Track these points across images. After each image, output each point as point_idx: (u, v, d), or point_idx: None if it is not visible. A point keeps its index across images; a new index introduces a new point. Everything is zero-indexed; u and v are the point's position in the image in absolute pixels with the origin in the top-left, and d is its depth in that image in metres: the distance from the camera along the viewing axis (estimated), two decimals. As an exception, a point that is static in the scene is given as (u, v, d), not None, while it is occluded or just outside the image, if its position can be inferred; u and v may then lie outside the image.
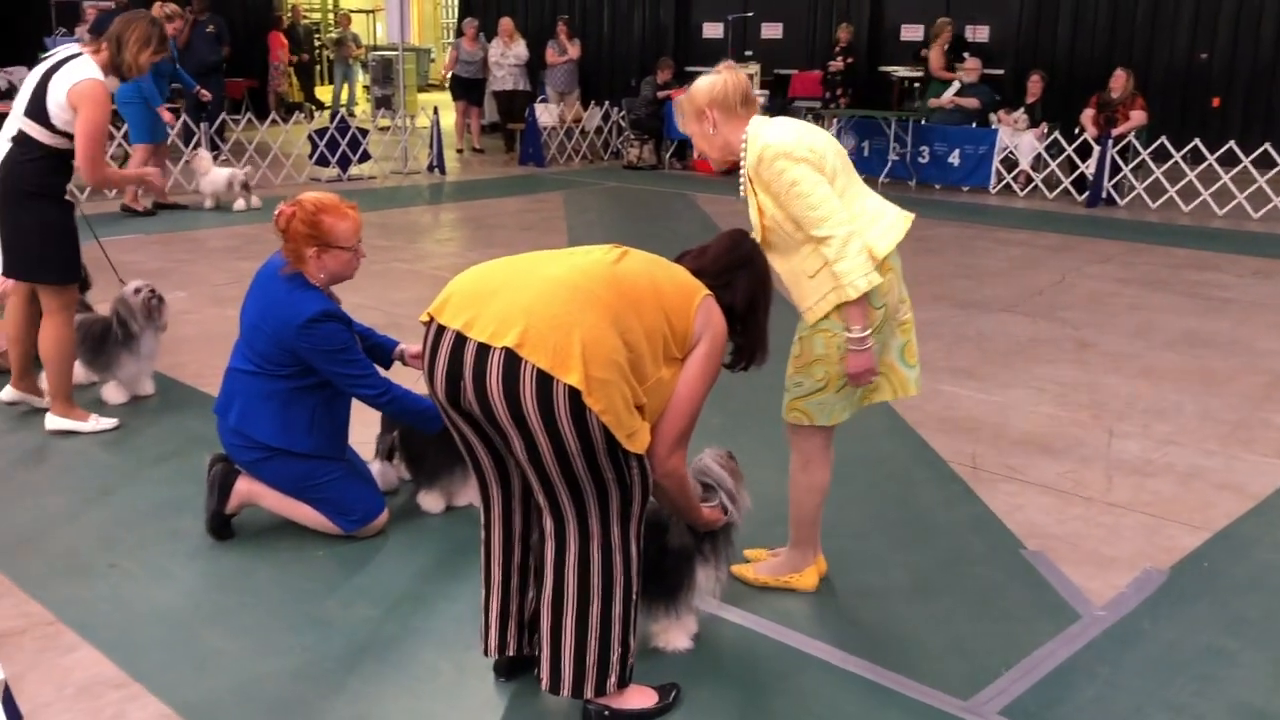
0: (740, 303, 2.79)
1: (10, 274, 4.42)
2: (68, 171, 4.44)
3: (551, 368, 2.35)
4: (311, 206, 3.47)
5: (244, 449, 3.58)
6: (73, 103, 4.22)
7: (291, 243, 3.50)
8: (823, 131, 3.19)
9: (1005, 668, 3.02)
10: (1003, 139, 12.13)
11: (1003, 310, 7.05)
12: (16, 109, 4.33)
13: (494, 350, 2.40)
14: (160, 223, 9.69)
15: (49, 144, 4.29)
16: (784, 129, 3.10)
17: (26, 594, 3.31)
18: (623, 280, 2.53)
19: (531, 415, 2.38)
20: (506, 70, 14.89)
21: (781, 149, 3.01)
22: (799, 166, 2.99)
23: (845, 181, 3.12)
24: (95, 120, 4.26)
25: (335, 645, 3.08)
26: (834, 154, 3.10)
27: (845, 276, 3.00)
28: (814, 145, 3.05)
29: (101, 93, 4.26)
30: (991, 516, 4.00)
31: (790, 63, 16.33)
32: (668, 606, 3.00)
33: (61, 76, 4.25)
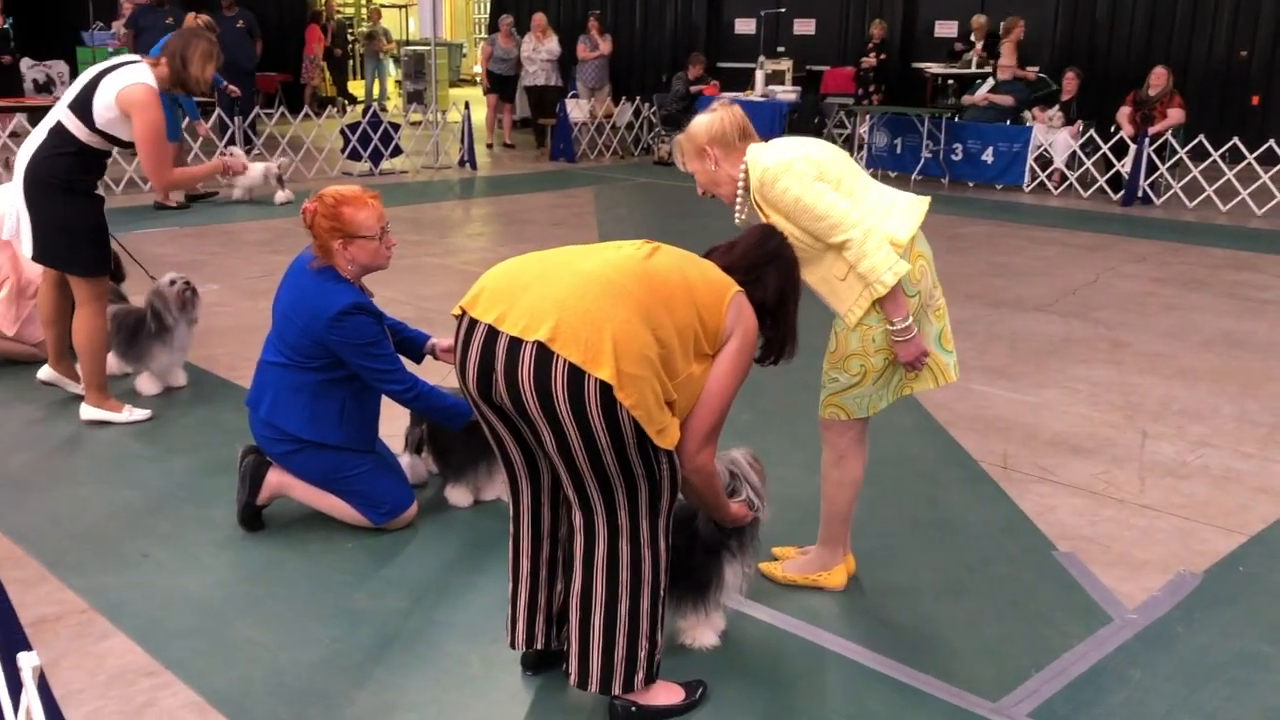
0: (770, 297, 2.77)
1: (39, 259, 4.46)
2: (100, 169, 4.48)
3: (583, 362, 2.36)
4: (331, 199, 3.51)
5: (275, 441, 3.61)
6: (122, 107, 4.27)
7: (318, 238, 3.53)
8: (818, 141, 3.20)
9: (1035, 669, 3.00)
10: (1037, 137, 12.02)
11: (1036, 309, 6.99)
12: (61, 100, 4.38)
13: (526, 344, 2.40)
14: (193, 216, 9.78)
15: (85, 140, 4.33)
16: (779, 149, 3.13)
17: (61, 581, 3.35)
18: (654, 276, 2.52)
19: (563, 409, 2.38)
20: (539, 65, 14.91)
21: (780, 168, 3.05)
22: (800, 181, 3.02)
23: (851, 183, 3.14)
24: (151, 123, 4.31)
25: (363, 636, 3.09)
26: (834, 160, 3.13)
27: (872, 274, 3.02)
28: (810, 156, 3.08)
29: (153, 98, 4.31)
30: (1022, 517, 3.96)
31: (823, 59, 16.26)
32: (696, 603, 3.00)
33: (114, 78, 4.30)
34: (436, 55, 14.62)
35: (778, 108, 13.57)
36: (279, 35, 19.67)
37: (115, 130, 4.34)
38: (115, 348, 5.03)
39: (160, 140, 4.37)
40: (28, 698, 1.54)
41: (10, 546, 3.56)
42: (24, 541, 3.60)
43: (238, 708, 2.75)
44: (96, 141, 4.35)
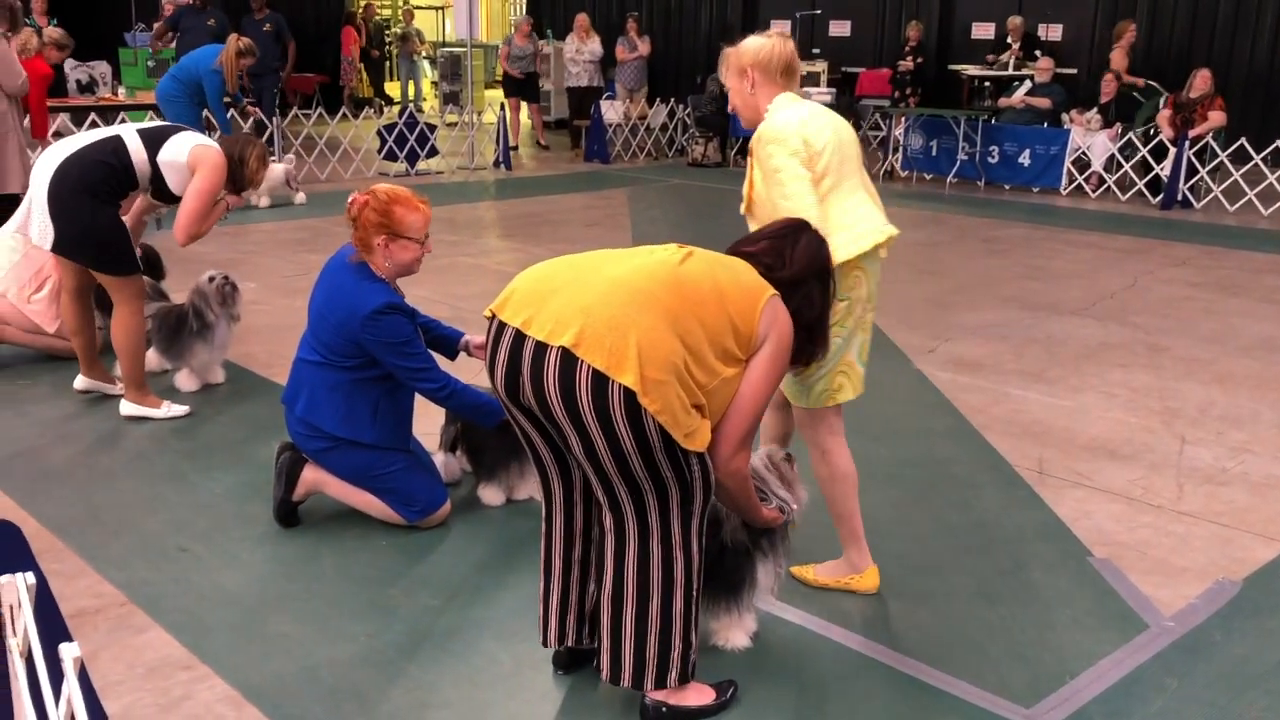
0: (815, 315, 2.77)
1: (59, 250, 4.49)
2: (124, 195, 4.57)
3: (607, 368, 2.36)
4: (385, 196, 3.54)
5: (310, 438, 3.64)
6: (192, 159, 4.46)
7: (361, 230, 3.55)
8: (833, 127, 3.22)
9: (1070, 676, 2.97)
10: (1075, 139, 11.91)
11: (1072, 313, 6.93)
12: (129, 124, 4.49)
13: (551, 349, 2.41)
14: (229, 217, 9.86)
15: (134, 163, 4.42)
16: (791, 115, 3.17)
17: (101, 575, 3.39)
18: (685, 282, 2.52)
19: (587, 414, 2.39)
20: (581, 67, 14.92)
21: (777, 135, 3.12)
22: (785, 158, 3.10)
23: (835, 180, 3.17)
24: (212, 186, 4.51)
25: (396, 633, 3.12)
26: (833, 151, 3.16)
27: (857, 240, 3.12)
28: (810, 139, 3.13)
29: (223, 165, 4.53)
30: (1058, 522, 3.93)
31: (858, 61, 16.21)
32: (728, 604, 3.00)
33: (196, 136, 4.54)
34: (472, 56, 14.69)
35: (812, 109, 13.51)
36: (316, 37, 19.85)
37: (168, 174, 4.48)
38: (156, 344, 5.10)
39: (209, 205, 4.55)
40: (68, 688, 1.56)
41: (51, 539, 3.61)
42: (64, 535, 3.65)
43: (272, 703, 2.77)
44: (143, 171, 4.44)
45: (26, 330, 5.40)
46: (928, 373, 5.64)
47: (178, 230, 4.52)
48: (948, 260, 8.53)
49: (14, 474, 4.13)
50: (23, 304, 5.34)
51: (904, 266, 8.23)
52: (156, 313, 5.05)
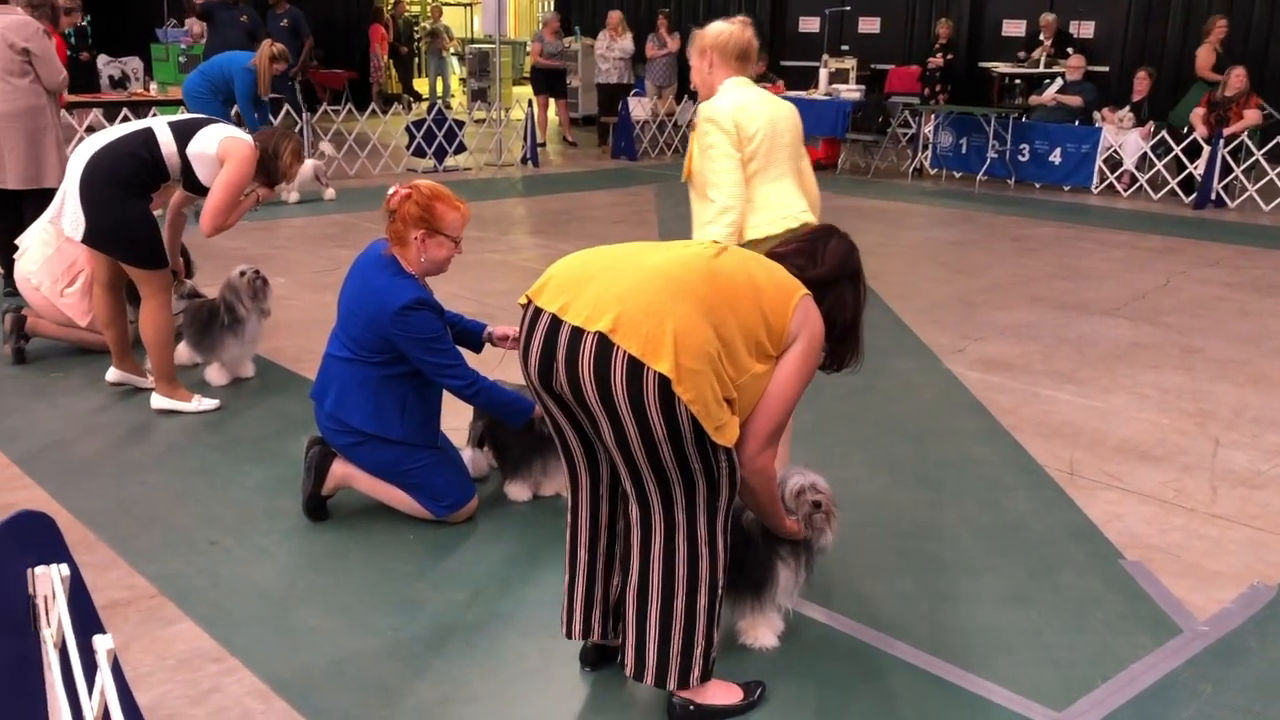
0: (847, 316, 2.75)
1: (88, 241, 4.53)
2: (156, 187, 4.59)
3: (642, 354, 2.36)
4: (428, 191, 3.57)
5: (339, 433, 3.65)
6: (221, 150, 4.46)
7: (400, 223, 3.57)
8: (770, 116, 3.59)
9: (1101, 680, 2.94)
10: (1107, 138, 11.80)
11: (1104, 313, 6.87)
12: (160, 117, 4.52)
13: (587, 334, 2.41)
14: (259, 211, 9.93)
15: (164, 156, 4.45)
16: (731, 98, 3.58)
17: (132, 567, 3.42)
18: (719, 275, 2.52)
19: (621, 401, 2.39)
20: (612, 64, 14.91)
21: (714, 115, 3.54)
22: (719, 137, 3.51)
23: (762, 165, 3.57)
24: (241, 177, 4.51)
25: (423, 627, 3.12)
26: (765, 138, 3.56)
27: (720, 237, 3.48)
28: (742, 123, 3.53)
29: (252, 157, 4.53)
30: (1089, 524, 3.89)
31: (888, 58, 16.13)
32: (754, 603, 2.98)
33: (225, 128, 4.54)
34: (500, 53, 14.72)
35: (841, 107, 13.47)
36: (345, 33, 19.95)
37: (198, 166, 4.50)
38: (187, 339, 5.13)
39: (235, 197, 4.55)
40: (102, 679, 1.57)
41: (83, 531, 3.64)
42: (96, 527, 3.68)
43: (300, 695, 2.78)
44: (173, 164, 4.47)
45: (59, 323, 5.45)
46: (957, 372, 5.60)
47: (203, 221, 4.54)
48: (977, 259, 8.47)
49: (47, 466, 4.17)
50: (56, 297, 5.39)
51: (933, 265, 8.18)
52: (188, 307, 5.09)
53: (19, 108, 6.24)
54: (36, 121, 6.31)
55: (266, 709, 2.73)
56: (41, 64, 6.28)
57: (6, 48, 6.17)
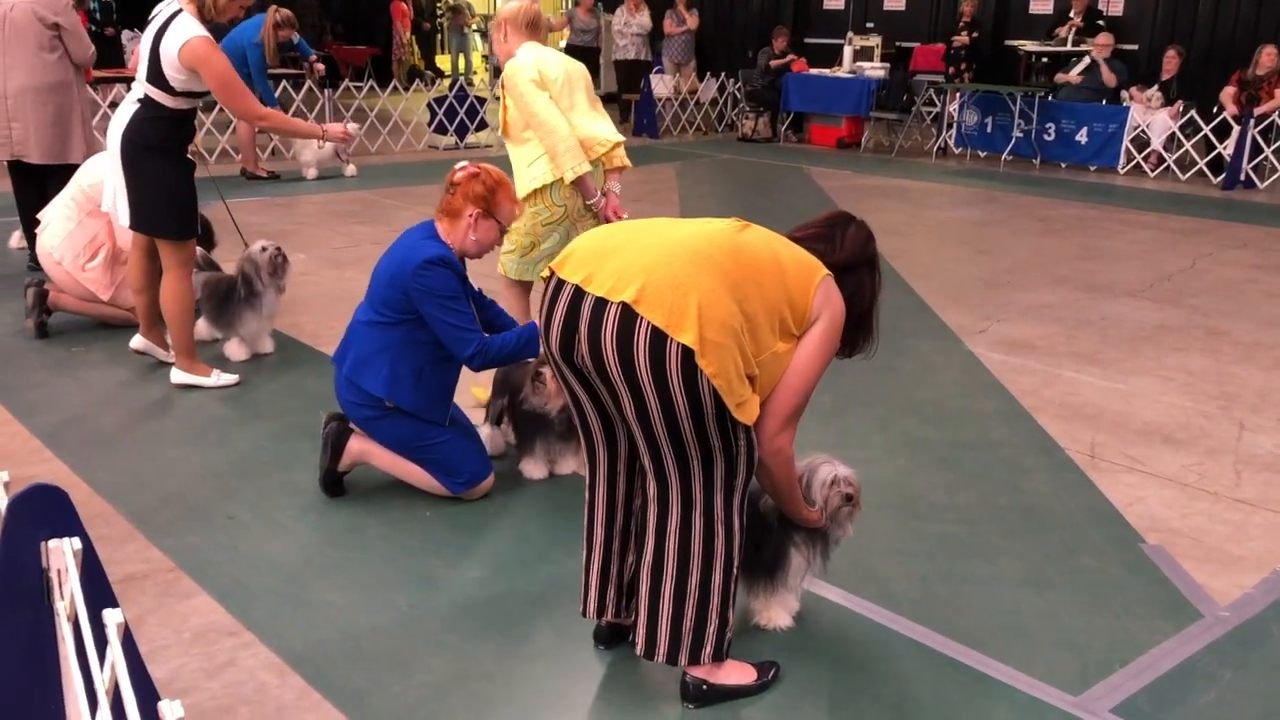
0: (865, 301, 2.73)
1: (136, 227, 4.57)
2: (191, 131, 4.59)
3: (666, 326, 2.34)
4: (496, 176, 3.70)
5: (358, 405, 3.66)
6: (188, 65, 4.33)
7: (458, 198, 3.64)
8: (564, 66, 4.33)
9: (1119, 665, 2.91)
10: (1134, 117, 11.66)
11: (1128, 295, 6.79)
12: (139, 75, 4.47)
13: (611, 305, 2.40)
14: (281, 187, 9.95)
15: (172, 106, 4.43)
16: (530, 56, 4.30)
17: (149, 540, 3.44)
18: (744, 250, 2.50)
19: (643, 372, 2.37)
20: (629, 40, 14.82)
21: (518, 69, 4.26)
22: (526, 84, 4.23)
23: (568, 104, 4.28)
24: (219, 71, 4.37)
25: (439, 603, 3.12)
26: (563, 82, 4.28)
27: (563, 166, 4.23)
28: (543, 70, 4.26)
29: (209, 46, 4.36)
30: (1109, 507, 3.86)
31: (913, 35, 15.95)
32: (767, 585, 2.97)
33: (169, 40, 4.34)
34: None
35: (866, 84, 13.36)
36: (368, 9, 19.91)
37: (194, 87, 4.43)
38: (206, 313, 5.15)
39: (233, 82, 4.44)
40: (112, 654, 1.57)
41: (101, 504, 3.66)
42: (114, 500, 3.70)
43: (315, 670, 2.79)
44: (180, 103, 4.44)
45: (81, 298, 5.47)
46: (979, 353, 5.56)
47: (242, 117, 4.61)
48: (1001, 239, 8.40)
49: (67, 440, 4.20)
50: (78, 272, 5.41)
51: (956, 245, 8.11)
52: (206, 282, 5.10)
53: (47, 82, 6.25)
54: (64, 97, 6.32)
55: (281, 683, 2.74)
56: (71, 38, 6.29)
57: (37, 22, 6.18)
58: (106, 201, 4.69)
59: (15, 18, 6.20)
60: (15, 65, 6.22)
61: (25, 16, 6.18)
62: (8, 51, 6.22)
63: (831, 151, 13.57)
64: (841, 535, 2.94)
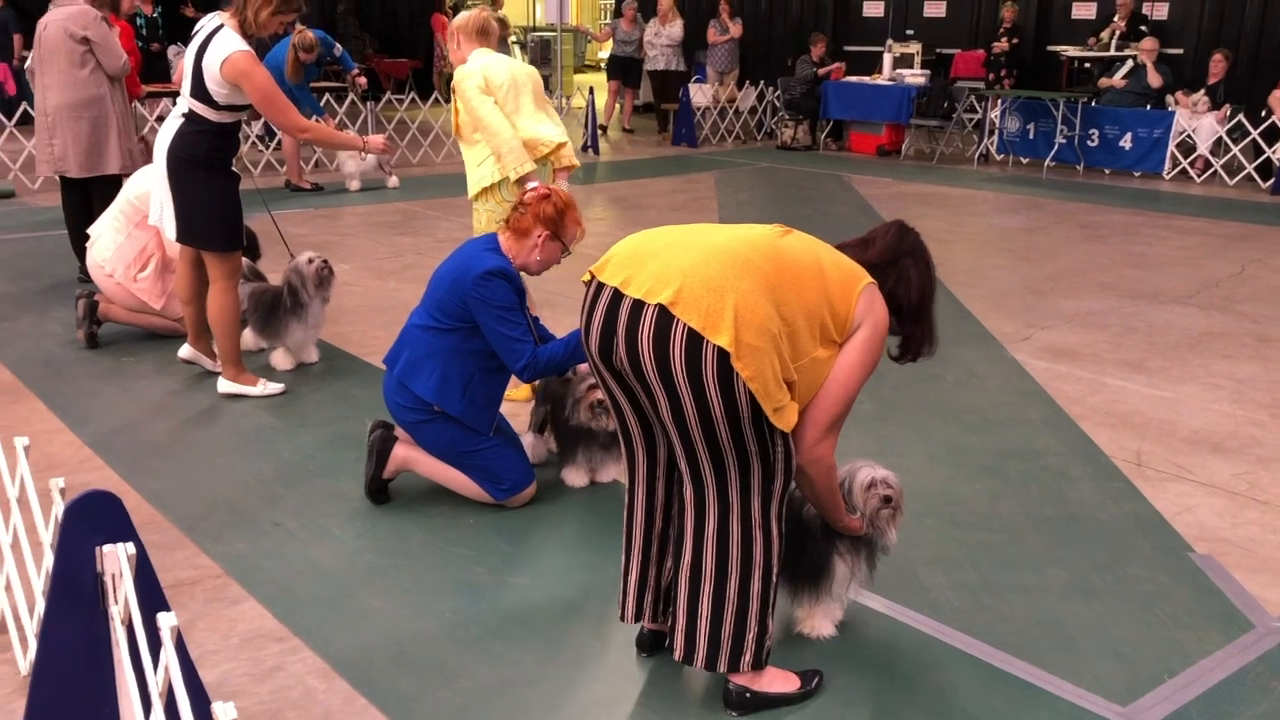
0: (913, 294, 2.71)
1: (182, 240, 4.65)
2: (236, 143, 4.66)
3: (702, 328, 2.35)
4: (565, 199, 3.80)
5: (406, 409, 3.69)
6: (230, 79, 4.40)
7: (528, 218, 3.71)
8: (510, 71, 4.62)
9: (1168, 675, 2.88)
10: (1180, 122, 11.51)
11: (1175, 302, 6.71)
12: (184, 90, 4.55)
13: (648, 307, 2.41)
14: (324, 198, 10.07)
15: (216, 120, 4.50)
16: (478, 62, 4.60)
17: (198, 547, 3.49)
18: (784, 255, 2.50)
19: (679, 374, 2.38)
20: (659, 50, 14.86)
21: (465, 75, 4.58)
22: (473, 89, 4.55)
23: (513, 107, 4.60)
24: (260, 85, 4.43)
25: (482, 610, 3.14)
26: (509, 87, 4.59)
27: (507, 167, 4.57)
28: (489, 76, 4.57)
29: (251, 60, 4.42)
30: (1157, 516, 3.81)
31: (953, 42, 15.87)
32: (810, 594, 2.96)
33: (211, 55, 4.41)
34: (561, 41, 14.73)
35: (906, 91, 13.30)
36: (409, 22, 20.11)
37: (236, 101, 4.50)
38: (252, 324, 5.22)
39: (275, 96, 4.49)
40: (166, 656, 1.60)
41: (151, 512, 3.72)
42: (164, 507, 3.76)
43: (361, 675, 2.82)
44: (224, 117, 4.51)
45: (132, 309, 5.57)
46: (1023, 361, 5.51)
47: (284, 129, 4.66)
48: (1044, 246, 8.32)
49: (118, 448, 4.27)
50: (129, 283, 5.51)
51: (999, 252, 8.05)
52: (252, 293, 5.17)
53: (80, 98, 6.37)
54: (98, 110, 6.43)
55: (328, 688, 2.77)
56: (102, 51, 6.40)
57: (66, 37, 6.30)
58: (154, 214, 4.77)
59: (48, 36, 6.34)
60: (52, 83, 6.35)
61: (57, 34, 6.31)
62: (45, 70, 6.35)
63: (871, 159, 13.52)
64: (885, 542, 2.92)
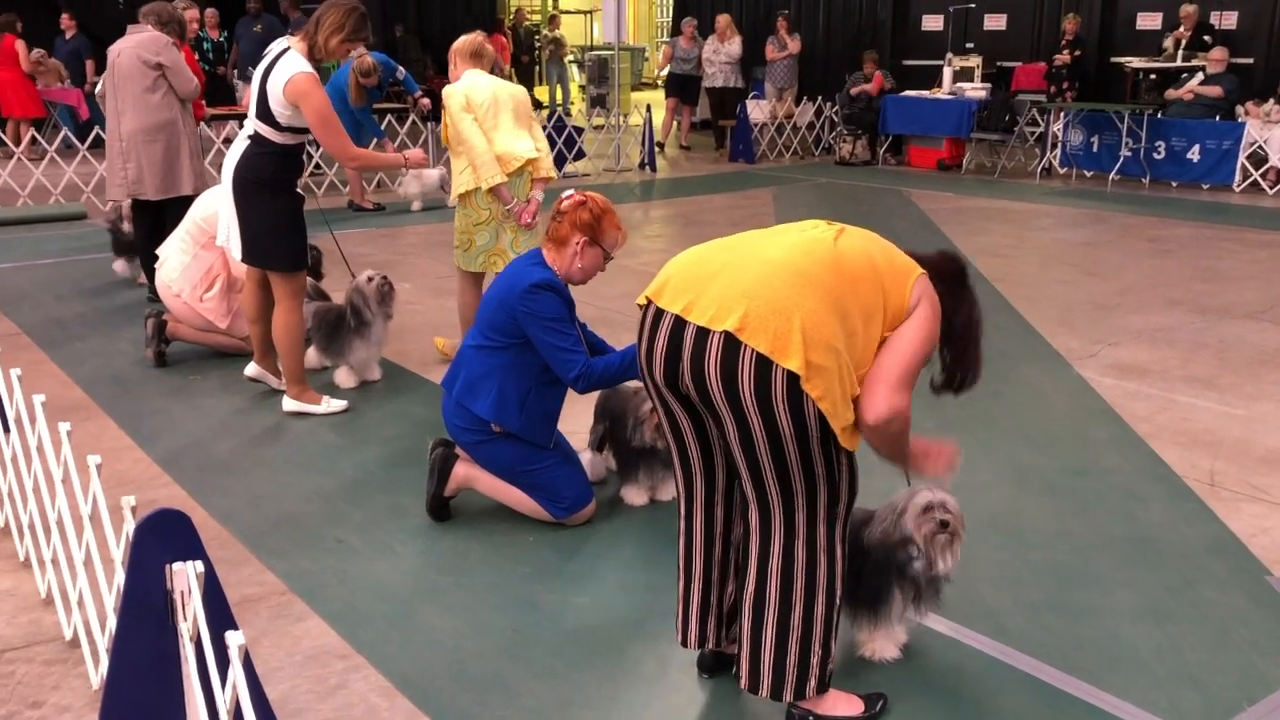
0: (960, 318, 2.64)
1: (248, 260, 4.73)
2: (300, 165, 4.74)
3: (771, 352, 2.33)
4: (602, 204, 3.73)
5: (465, 430, 3.72)
6: (291, 100, 4.47)
7: (565, 226, 3.69)
8: (493, 91, 5.09)
9: (1248, 703, 2.79)
10: (1250, 133, 11.26)
11: (1247, 317, 6.54)
12: (250, 112, 4.64)
13: (714, 334, 2.39)
14: (386, 218, 10.20)
15: (280, 141, 4.58)
16: (465, 82, 5.10)
17: (263, 564, 3.53)
18: (842, 259, 2.47)
19: (748, 399, 2.36)
20: (718, 67, 14.88)
21: (451, 93, 5.06)
22: (456, 107, 5.03)
23: (492, 124, 5.07)
24: (317, 108, 4.50)
25: (542, 629, 3.14)
26: (489, 105, 5.06)
27: (480, 177, 5.03)
28: (470, 96, 5.04)
29: (312, 82, 4.49)
30: (1232, 538, 3.71)
31: (1014, 55, 15.69)
32: (869, 617, 2.92)
33: (276, 76, 4.50)
34: (619, 60, 14.81)
35: (966, 106, 13.17)
36: (469, 43, 20.25)
37: (299, 122, 4.57)
38: (316, 342, 5.29)
39: (330, 120, 4.55)
40: (233, 674, 1.62)
41: (217, 528, 3.78)
42: (229, 524, 3.81)
43: (423, 693, 2.83)
44: (288, 139, 4.59)
45: (199, 328, 5.68)
46: (1089, 378, 5.41)
47: (334, 154, 4.68)
48: (1110, 260, 8.17)
49: (185, 465, 4.34)
50: (196, 303, 5.61)
51: (1063, 266, 7.92)
52: (316, 311, 5.24)
53: (154, 122, 6.52)
54: (171, 133, 6.58)
55: (390, 706, 2.78)
56: (175, 75, 6.55)
57: (141, 64, 6.45)
58: (221, 236, 4.86)
59: (122, 63, 6.49)
60: (126, 108, 6.51)
61: (131, 61, 6.46)
62: (119, 95, 6.51)
63: (931, 173, 13.39)
64: (946, 569, 2.84)
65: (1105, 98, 13.85)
